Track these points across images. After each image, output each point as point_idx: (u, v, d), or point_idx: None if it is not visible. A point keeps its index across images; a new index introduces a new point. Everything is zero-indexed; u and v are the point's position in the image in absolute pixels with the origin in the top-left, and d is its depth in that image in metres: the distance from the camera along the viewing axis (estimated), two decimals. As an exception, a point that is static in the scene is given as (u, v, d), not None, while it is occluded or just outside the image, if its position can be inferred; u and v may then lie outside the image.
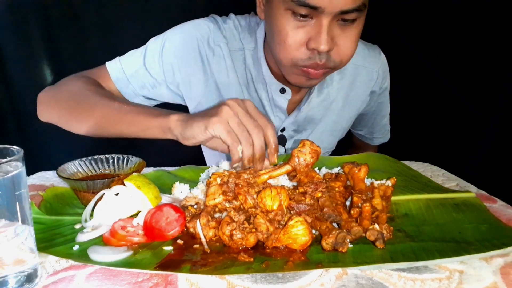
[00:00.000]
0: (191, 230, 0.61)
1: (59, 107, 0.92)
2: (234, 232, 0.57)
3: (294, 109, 1.02)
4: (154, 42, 0.96)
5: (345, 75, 1.02)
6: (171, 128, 0.73)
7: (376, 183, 0.71)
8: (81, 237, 0.60)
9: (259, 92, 0.97)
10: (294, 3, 0.74)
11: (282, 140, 1.04)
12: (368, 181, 0.73)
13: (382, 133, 1.25)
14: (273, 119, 1.01)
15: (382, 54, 1.07)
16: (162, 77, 0.95)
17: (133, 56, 0.96)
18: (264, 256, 0.55)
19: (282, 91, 0.96)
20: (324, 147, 1.09)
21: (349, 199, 0.67)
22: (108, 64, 0.96)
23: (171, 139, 0.76)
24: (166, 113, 0.76)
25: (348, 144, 1.38)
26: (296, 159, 0.68)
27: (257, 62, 0.95)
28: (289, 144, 1.06)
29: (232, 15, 0.99)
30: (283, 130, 1.03)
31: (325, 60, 0.79)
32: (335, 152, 1.16)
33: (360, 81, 1.04)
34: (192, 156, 1.29)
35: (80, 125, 0.88)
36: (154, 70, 0.95)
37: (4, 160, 0.47)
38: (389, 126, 1.25)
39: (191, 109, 1.04)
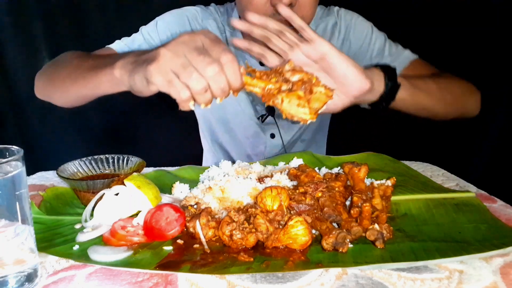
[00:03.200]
0: (191, 230, 0.61)
1: (46, 76, 0.91)
2: (234, 232, 0.57)
3: None
4: (146, 26, 1.01)
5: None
6: (119, 80, 0.63)
7: (376, 183, 0.71)
8: (81, 237, 0.60)
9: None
10: None
11: (271, 110, 1.05)
12: (368, 181, 0.73)
13: (398, 52, 1.07)
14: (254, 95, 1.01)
15: (341, 9, 1.07)
16: None
17: (132, 37, 1.00)
18: (264, 256, 0.55)
19: (262, 64, 0.97)
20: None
21: (349, 199, 0.67)
22: (111, 45, 0.99)
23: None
24: (112, 62, 0.65)
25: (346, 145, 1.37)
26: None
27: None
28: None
29: (212, 4, 1.08)
30: None
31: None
32: (335, 152, 1.16)
33: (329, 37, 1.05)
34: (192, 156, 1.29)
35: (56, 91, 0.86)
36: (154, 42, 0.99)
37: (4, 160, 0.47)
38: (398, 45, 1.09)
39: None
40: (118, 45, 0.99)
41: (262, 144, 1.14)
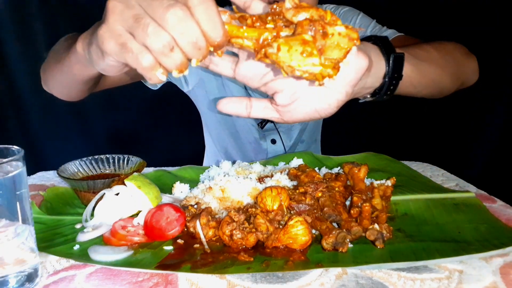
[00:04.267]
0: (191, 229, 0.61)
1: (46, 69, 0.81)
2: (234, 232, 0.57)
3: None
4: None
5: None
6: (85, 57, 0.52)
7: (376, 183, 0.71)
8: (82, 237, 0.60)
9: None
10: None
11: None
12: (368, 181, 0.73)
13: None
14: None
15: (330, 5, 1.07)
16: None
17: None
18: (264, 256, 0.55)
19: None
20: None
21: (349, 199, 0.67)
22: None
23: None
24: (78, 38, 0.54)
25: (350, 144, 1.38)
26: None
27: None
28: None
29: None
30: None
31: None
32: (335, 152, 1.16)
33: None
34: (192, 156, 1.29)
35: (50, 82, 0.78)
36: None
37: (4, 160, 0.47)
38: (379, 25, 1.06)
39: (192, 85, 1.03)
40: None
41: (263, 152, 1.13)
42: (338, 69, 0.42)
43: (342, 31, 0.41)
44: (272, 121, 1.03)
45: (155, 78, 0.41)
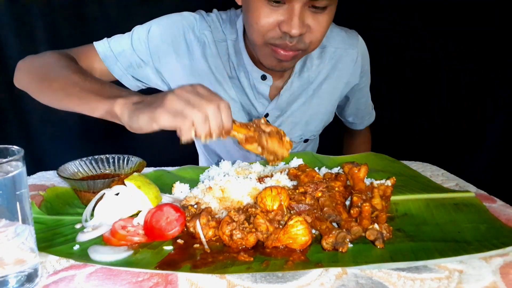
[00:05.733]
0: (191, 229, 0.61)
1: (31, 74, 0.90)
2: (234, 232, 0.57)
3: (276, 95, 1.04)
4: (140, 27, 0.98)
5: (325, 59, 1.05)
6: (117, 115, 0.68)
7: (375, 183, 0.71)
8: (82, 237, 0.60)
9: (241, 80, 1.00)
10: None
11: None
12: (367, 181, 0.73)
13: (368, 113, 1.28)
14: (256, 105, 1.03)
15: (360, 37, 1.10)
16: (147, 58, 0.97)
17: (120, 38, 0.98)
18: (264, 256, 0.55)
19: (263, 78, 0.98)
20: (311, 130, 1.10)
21: (349, 199, 0.67)
22: (96, 43, 0.97)
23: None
24: (114, 96, 0.70)
25: (342, 133, 1.38)
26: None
27: (239, 51, 0.98)
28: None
29: (215, 10, 1.04)
30: (266, 115, 1.05)
31: (295, 42, 0.82)
32: (335, 152, 1.16)
33: (342, 63, 1.07)
34: (192, 156, 1.29)
35: (43, 94, 0.85)
36: (140, 51, 0.96)
37: (4, 160, 0.47)
38: (372, 104, 1.27)
39: None
40: (102, 48, 0.95)
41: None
42: (288, 155, 0.73)
43: (288, 139, 0.72)
44: None
45: (188, 136, 0.63)
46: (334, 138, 1.33)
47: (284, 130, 0.73)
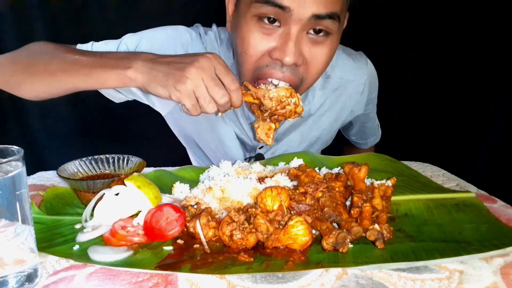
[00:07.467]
0: (191, 230, 0.61)
1: (15, 66, 0.84)
2: (234, 232, 0.57)
3: None
4: (130, 37, 0.91)
5: (328, 90, 0.98)
6: (132, 79, 0.68)
7: (376, 183, 0.71)
8: (81, 237, 0.60)
9: (235, 109, 0.91)
10: (260, 2, 0.70)
11: (259, 157, 1.01)
12: (368, 181, 0.73)
13: (373, 134, 1.22)
14: (250, 135, 0.97)
15: (369, 62, 1.02)
16: None
17: (106, 44, 0.91)
18: (264, 256, 0.55)
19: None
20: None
21: (349, 199, 0.67)
22: (80, 45, 0.90)
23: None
24: (127, 60, 0.70)
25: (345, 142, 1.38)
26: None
27: None
28: (267, 155, 1.03)
29: (214, 26, 0.96)
30: (261, 147, 1.00)
31: (290, 74, 0.74)
32: (334, 152, 1.16)
33: (346, 95, 1.00)
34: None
35: (34, 83, 0.80)
36: None
37: (4, 160, 0.47)
38: (378, 123, 1.21)
39: (164, 114, 0.99)
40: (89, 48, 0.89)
41: None
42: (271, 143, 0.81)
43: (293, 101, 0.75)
44: (261, 159, 1.01)
45: (196, 112, 0.68)
46: (335, 138, 1.33)
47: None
